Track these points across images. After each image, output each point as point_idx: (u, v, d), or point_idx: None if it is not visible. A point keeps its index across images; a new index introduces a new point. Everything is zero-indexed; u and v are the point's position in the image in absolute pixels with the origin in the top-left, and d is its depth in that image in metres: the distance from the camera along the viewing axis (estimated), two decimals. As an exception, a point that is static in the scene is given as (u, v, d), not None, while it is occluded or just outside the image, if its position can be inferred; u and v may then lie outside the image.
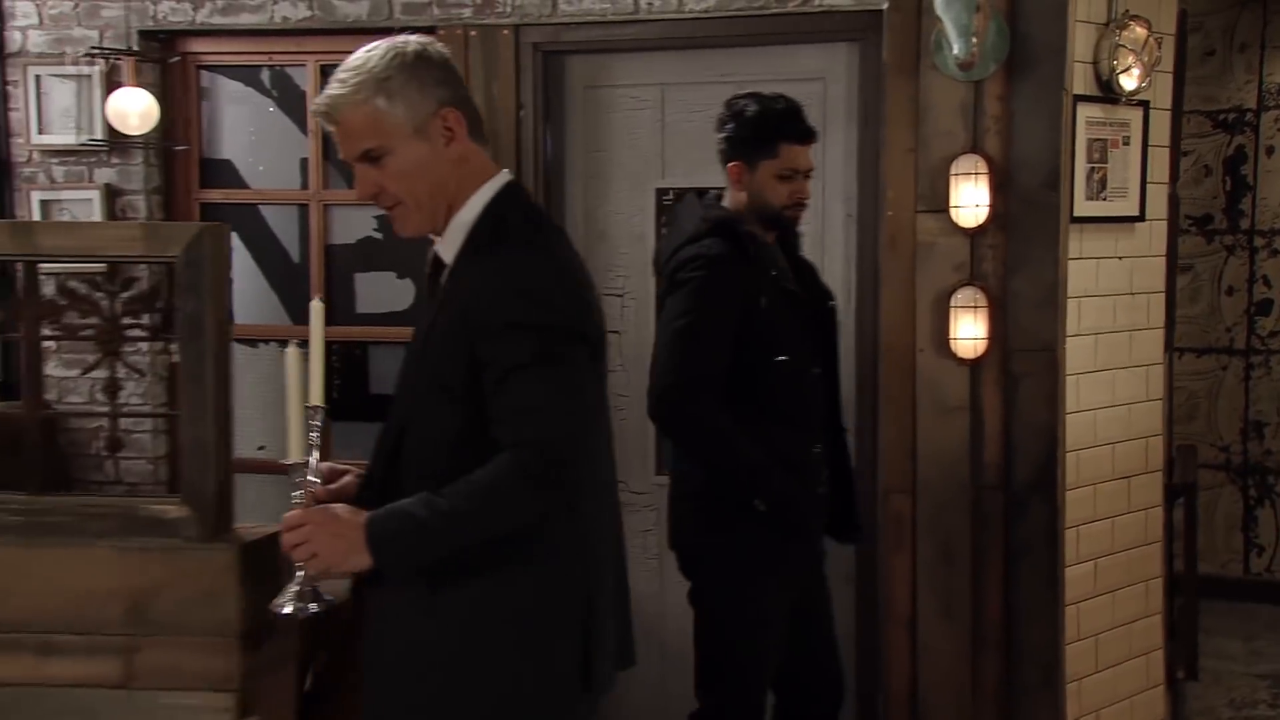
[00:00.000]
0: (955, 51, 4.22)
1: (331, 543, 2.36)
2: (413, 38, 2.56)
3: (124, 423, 4.72)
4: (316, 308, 2.52)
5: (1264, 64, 7.31)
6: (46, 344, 4.86)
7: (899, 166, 4.48)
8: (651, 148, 4.96)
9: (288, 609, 2.41)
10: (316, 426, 2.46)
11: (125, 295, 2.98)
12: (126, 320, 2.97)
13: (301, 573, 2.40)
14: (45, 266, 3.11)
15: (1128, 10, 4.57)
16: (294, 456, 2.44)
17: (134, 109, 4.53)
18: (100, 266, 3.03)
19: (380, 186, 2.50)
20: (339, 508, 2.43)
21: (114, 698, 2.89)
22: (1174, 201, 5.35)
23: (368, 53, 2.50)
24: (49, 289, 3.23)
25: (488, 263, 2.48)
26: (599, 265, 5.02)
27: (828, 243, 4.71)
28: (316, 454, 2.46)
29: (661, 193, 4.97)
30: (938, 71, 4.42)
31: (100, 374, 3.11)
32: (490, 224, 2.53)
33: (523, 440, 2.38)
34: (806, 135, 3.82)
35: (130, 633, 2.89)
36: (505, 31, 4.80)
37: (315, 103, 2.51)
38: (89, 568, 2.89)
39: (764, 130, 3.77)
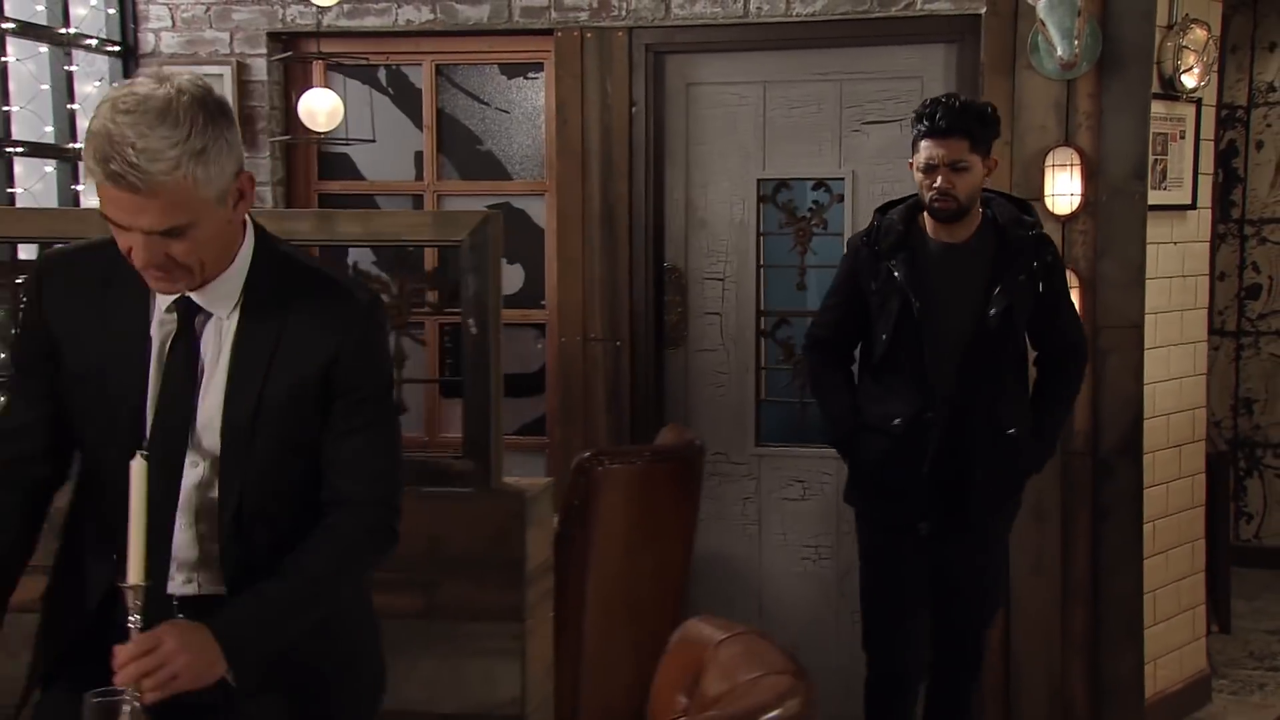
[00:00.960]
0: (1059, 53, 4.62)
1: (192, 662, 2.15)
2: (199, 83, 2.26)
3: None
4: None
5: (1254, 64, 7.82)
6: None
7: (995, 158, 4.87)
8: (752, 141, 5.32)
9: None
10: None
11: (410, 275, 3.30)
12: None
13: (136, 704, 2.10)
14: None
15: (1188, 14, 5.00)
16: (133, 578, 2.17)
17: (322, 108, 4.83)
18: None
19: (169, 256, 2.22)
20: (183, 624, 2.22)
21: (417, 627, 3.23)
22: (1215, 190, 5.82)
23: (170, 110, 2.16)
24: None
25: (342, 319, 2.39)
26: (700, 250, 5.39)
27: (926, 229, 5.10)
28: None
29: (762, 183, 5.35)
30: (1033, 71, 4.83)
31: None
32: (270, 272, 2.39)
33: (373, 498, 2.41)
34: (932, 131, 4.01)
35: (430, 569, 3.23)
36: (620, 34, 5.15)
37: (120, 167, 2.13)
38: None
39: (913, 126, 4.13)
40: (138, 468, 2.16)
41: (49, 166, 5.15)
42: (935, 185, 4.02)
